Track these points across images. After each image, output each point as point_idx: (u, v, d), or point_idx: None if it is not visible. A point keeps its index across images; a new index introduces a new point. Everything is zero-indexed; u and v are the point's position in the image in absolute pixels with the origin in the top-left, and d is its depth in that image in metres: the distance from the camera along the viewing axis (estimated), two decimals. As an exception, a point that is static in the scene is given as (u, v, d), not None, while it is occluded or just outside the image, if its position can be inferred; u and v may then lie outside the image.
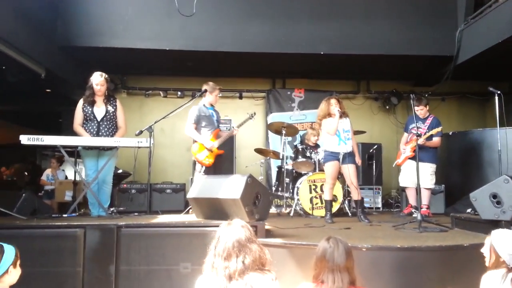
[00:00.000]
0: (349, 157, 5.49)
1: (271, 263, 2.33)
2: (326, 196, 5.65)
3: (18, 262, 2.48)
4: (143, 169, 5.81)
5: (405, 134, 6.44)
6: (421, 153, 5.54)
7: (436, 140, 6.01)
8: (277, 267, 3.50)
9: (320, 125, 5.74)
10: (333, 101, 5.62)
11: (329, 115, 5.60)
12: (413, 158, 6.00)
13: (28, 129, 10.28)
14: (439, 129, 5.92)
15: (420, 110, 6.15)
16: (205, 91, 5.76)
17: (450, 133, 7.21)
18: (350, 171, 5.46)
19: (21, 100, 9.29)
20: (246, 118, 5.96)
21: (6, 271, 2.38)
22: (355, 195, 5.57)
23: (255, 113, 6.09)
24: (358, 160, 5.73)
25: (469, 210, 4.73)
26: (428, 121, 6.15)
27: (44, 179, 8.54)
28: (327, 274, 2.27)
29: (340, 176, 5.91)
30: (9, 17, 5.80)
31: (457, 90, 9.15)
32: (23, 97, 8.89)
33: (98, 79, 5.10)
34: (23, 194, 4.75)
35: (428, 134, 5.91)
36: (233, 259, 2.18)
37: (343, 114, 5.61)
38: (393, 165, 6.65)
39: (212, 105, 5.83)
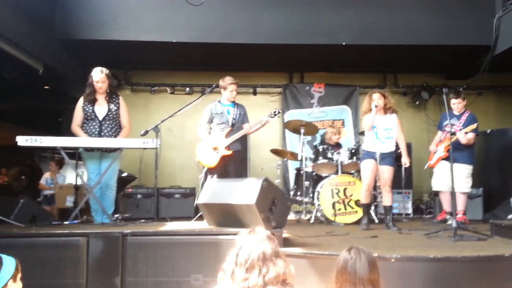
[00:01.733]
0: (387, 158, 5.48)
1: (294, 278, 2.32)
2: (362, 199, 5.70)
3: (19, 276, 2.45)
4: (150, 172, 5.85)
5: (439, 133, 6.38)
6: (455, 153, 5.48)
7: (470, 137, 5.94)
8: (297, 279, 3.51)
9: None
10: (375, 95, 5.63)
11: (370, 111, 5.62)
12: (446, 158, 5.95)
13: (26, 129, 10.41)
14: (474, 126, 5.85)
15: (458, 104, 6.11)
16: (216, 86, 5.81)
17: (488, 131, 7.12)
18: (385, 173, 5.46)
19: (18, 97, 9.42)
20: (268, 115, 5.83)
21: (5, 286, 2.36)
22: (387, 200, 5.55)
23: (279, 111, 5.92)
24: (404, 160, 5.70)
25: (510, 216, 4.67)
26: (464, 118, 6.09)
27: (43, 183, 8.66)
28: None
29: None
30: (3, 8, 5.88)
31: (495, 83, 9.02)
32: (20, 94, 9.01)
33: (98, 76, 5.15)
34: (21, 200, 4.82)
35: (462, 131, 5.85)
36: (255, 271, 2.19)
37: (388, 110, 5.64)
38: (425, 167, 6.59)
39: (232, 102, 5.86)
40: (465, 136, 5.84)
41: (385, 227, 5.48)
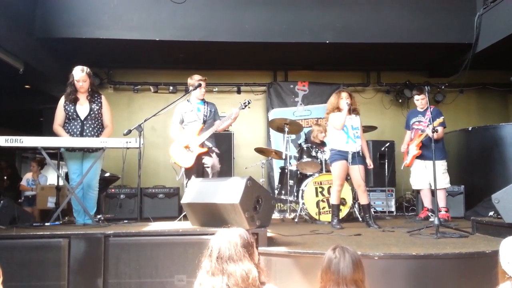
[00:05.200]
0: (358, 157, 5.51)
1: (264, 282, 2.32)
2: (333, 200, 5.66)
3: (0, 280, 2.42)
4: (133, 172, 5.80)
5: (408, 132, 6.45)
6: (428, 151, 5.61)
7: (439, 131, 5.99)
8: (281, 278, 3.52)
9: (327, 120, 5.77)
10: (344, 94, 5.67)
11: (338, 109, 5.64)
12: (420, 156, 6.05)
13: (6, 130, 10.27)
14: (440, 119, 5.87)
15: (421, 100, 6.20)
16: (200, 85, 5.74)
17: (470, 128, 7.20)
18: (358, 173, 5.48)
19: (-2, 97, 9.29)
20: (239, 107, 5.74)
21: None
22: (363, 199, 5.60)
23: (249, 101, 5.81)
24: (369, 162, 5.79)
25: (491, 213, 4.73)
26: (428, 114, 6.16)
27: (24, 184, 8.54)
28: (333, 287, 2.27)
29: (349, 178, 5.91)
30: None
31: (476, 81, 9.14)
32: (0, 94, 8.88)
33: (79, 75, 5.09)
34: (1, 201, 4.74)
35: (431, 127, 5.89)
36: (218, 277, 2.21)
37: (353, 111, 5.66)
38: (402, 168, 6.65)
39: (201, 100, 5.78)
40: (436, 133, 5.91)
41: (366, 225, 5.53)
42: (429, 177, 5.89)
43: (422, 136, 5.72)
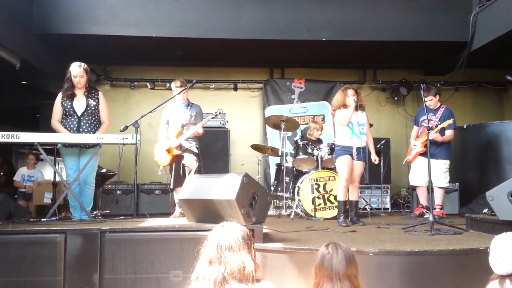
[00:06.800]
0: (362, 153, 5.53)
1: (259, 279, 2.32)
2: (340, 197, 5.58)
3: None
4: (129, 168, 5.80)
5: (415, 128, 6.46)
6: (433, 149, 5.58)
7: (448, 133, 6.02)
8: (276, 274, 3.53)
9: (333, 116, 5.78)
10: (350, 91, 5.65)
11: (344, 106, 5.63)
12: (424, 154, 6.03)
13: (2, 125, 10.24)
14: (450, 121, 5.92)
15: (430, 101, 6.17)
16: (197, 82, 5.89)
17: (465, 126, 7.21)
18: (358, 169, 5.53)
19: (-6, 93, 9.24)
20: (209, 116, 5.98)
21: None
22: (354, 195, 5.64)
23: (220, 111, 6.06)
24: (374, 157, 5.82)
25: (485, 211, 4.75)
26: (440, 113, 6.18)
27: (18, 181, 8.43)
28: (326, 283, 2.28)
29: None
30: (-22, 2, 5.77)
31: (471, 79, 9.14)
32: (-4, 90, 8.85)
33: (76, 70, 5.08)
34: (-3, 196, 4.75)
35: (438, 127, 5.92)
36: (215, 265, 2.22)
37: (360, 107, 5.63)
38: (403, 162, 6.66)
39: (185, 103, 5.94)
40: (439, 134, 5.92)
41: (349, 221, 5.51)
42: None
43: (429, 135, 5.67)
